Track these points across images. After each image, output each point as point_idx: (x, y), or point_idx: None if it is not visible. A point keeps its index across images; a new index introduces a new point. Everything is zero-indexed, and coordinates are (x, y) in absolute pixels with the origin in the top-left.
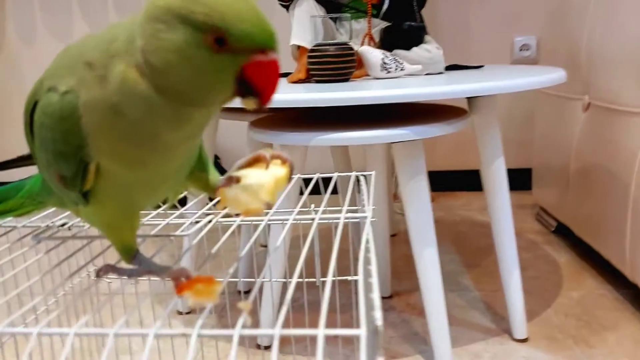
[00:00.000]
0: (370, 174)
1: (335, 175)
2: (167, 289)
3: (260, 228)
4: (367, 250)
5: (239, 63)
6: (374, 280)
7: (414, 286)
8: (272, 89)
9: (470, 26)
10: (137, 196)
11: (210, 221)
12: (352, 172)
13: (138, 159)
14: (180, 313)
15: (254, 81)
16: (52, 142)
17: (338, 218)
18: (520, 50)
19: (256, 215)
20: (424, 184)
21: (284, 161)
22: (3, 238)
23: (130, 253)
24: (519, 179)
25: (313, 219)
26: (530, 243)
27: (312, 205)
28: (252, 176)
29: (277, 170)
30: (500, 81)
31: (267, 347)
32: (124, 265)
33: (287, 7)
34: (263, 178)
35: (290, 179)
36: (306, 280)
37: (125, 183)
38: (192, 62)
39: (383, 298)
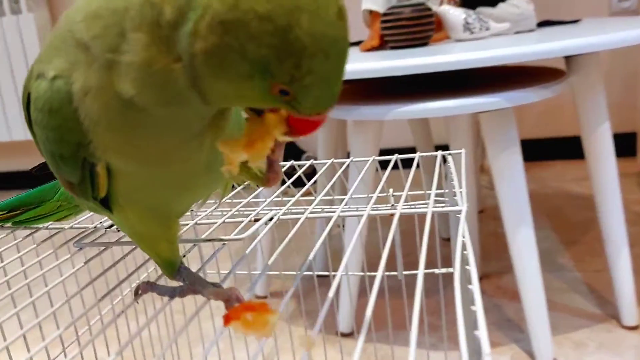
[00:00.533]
0: (460, 153)
1: (417, 156)
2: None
3: (333, 220)
4: (463, 247)
5: (290, 112)
6: (475, 289)
7: (504, 267)
8: (306, 134)
9: None
10: (165, 198)
11: (271, 219)
12: (433, 143)
13: (156, 154)
14: (257, 297)
15: (294, 127)
16: (47, 143)
17: (423, 208)
18: (619, 1)
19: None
20: (516, 156)
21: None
22: (48, 242)
23: (172, 267)
24: (622, 145)
25: (393, 208)
26: (636, 216)
27: (391, 191)
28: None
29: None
30: (603, 35)
31: (345, 335)
32: (166, 281)
33: None
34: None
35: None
36: (387, 274)
37: (145, 184)
38: (246, 92)
39: None
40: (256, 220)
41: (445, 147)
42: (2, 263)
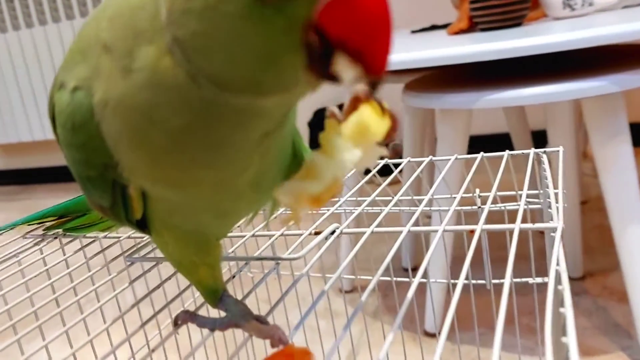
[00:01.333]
0: (557, 151)
1: (505, 154)
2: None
3: (415, 216)
4: (557, 277)
5: (303, 13)
6: (567, 301)
7: (611, 264)
8: (377, 44)
9: None
10: (204, 222)
11: (333, 232)
12: (529, 129)
13: (187, 177)
14: (341, 291)
15: (341, 37)
16: (73, 163)
17: (510, 225)
18: None
19: (327, 200)
20: (625, 146)
21: (365, 100)
22: (100, 257)
23: (214, 295)
24: None
25: (480, 210)
26: None
27: (477, 191)
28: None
29: (356, 116)
30: None
31: (428, 334)
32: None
33: None
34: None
35: (385, 113)
36: (473, 282)
37: (181, 208)
38: (228, 23)
39: (573, 279)
40: (316, 234)
41: (543, 133)
42: (51, 280)
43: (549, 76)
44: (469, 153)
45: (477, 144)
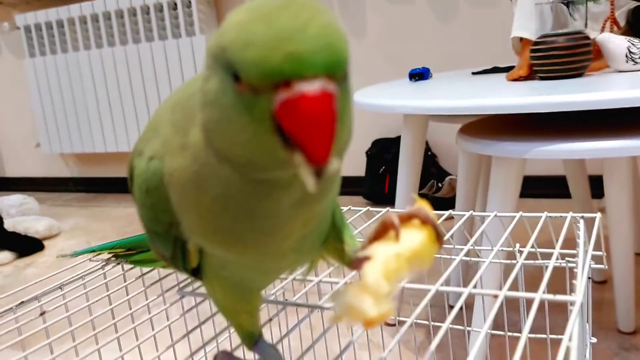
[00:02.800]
0: (595, 217)
1: (543, 215)
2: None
3: (452, 267)
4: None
5: (266, 106)
6: None
7: None
8: (314, 139)
9: None
10: (249, 277)
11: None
12: (586, 173)
13: (233, 240)
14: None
15: (291, 130)
16: (145, 219)
17: (532, 294)
18: None
19: (380, 323)
20: None
21: (424, 222)
22: (157, 285)
23: (250, 338)
24: None
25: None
26: None
27: (517, 245)
28: (377, 255)
29: (413, 238)
30: None
31: None
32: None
33: None
34: (389, 258)
35: (439, 240)
36: (509, 334)
37: (231, 264)
38: (224, 111)
39: (624, 334)
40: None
41: (601, 179)
42: (111, 305)
43: (606, 129)
44: (525, 195)
45: (533, 185)
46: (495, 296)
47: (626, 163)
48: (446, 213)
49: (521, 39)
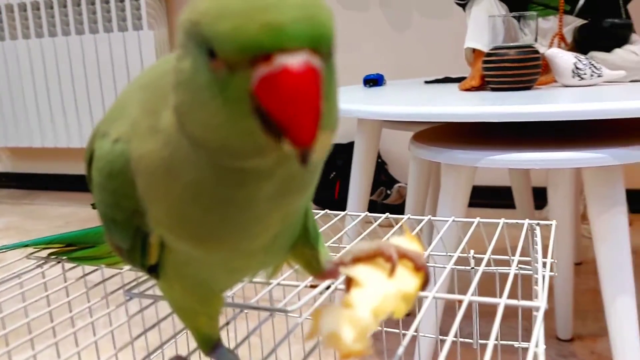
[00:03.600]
0: (551, 224)
1: (501, 222)
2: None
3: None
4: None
5: (243, 85)
6: None
7: (601, 329)
8: (299, 118)
9: None
10: (214, 276)
11: (328, 287)
12: (530, 184)
13: (205, 233)
14: None
15: (270, 112)
16: (103, 205)
17: (496, 299)
18: None
19: (357, 357)
20: (621, 217)
21: (417, 267)
22: (100, 287)
23: (208, 343)
24: None
25: (473, 270)
26: None
27: (472, 252)
28: (367, 283)
29: (405, 282)
30: None
31: None
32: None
33: (463, 6)
34: (380, 294)
35: (423, 288)
36: (461, 340)
37: (197, 261)
38: (198, 91)
39: (562, 341)
40: (312, 287)
41: (544, 190)
42: (50, 307)
43: (553, 141)
44: (471, 204)
45: (480, 195)
46: (460, 302)
47: (570, 175)
48: (405, 217)
49: (474, 50)
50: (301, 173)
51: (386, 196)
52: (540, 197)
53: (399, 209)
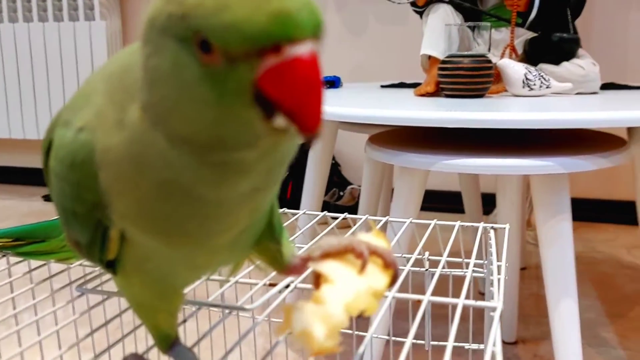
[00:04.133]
0: (504, 228)
1: (457, 224)
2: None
3: None
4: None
5: (245, 76)
6: None
7: (544, 333)
8: (308, 106)
9: (629, 39)
10: (176, 272)
11: (287, 286)
12: (479, 190)
13: (174, 228)
14: None
15: (280, 99)
16: (62, 196)
17: (455, 299)
18: None
19: (326, 354)
20: (566, 224)
21: (386, 264)
22: (47, 283)
23: (166, 341)
24: None
25: (428, 273)
26: None
27: (427, 254)
28: (338, 280)
29: (375, 279)
30: None
31: None
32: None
33: (420, 14)
34: (350, 291)
35: (391, 286)
36: (413, 341)
37: (159, 256)
38: (186, 87)
39: (506, 344)
40: (271, 285)
41: (492, 196)
42: None
43: (502, 148)
44: (421, 208)
45: (431, 199)
46: (419, 302)
47: (518, 181)
48: (363, 218)
49: (430, 57)
50: (276, 167)
51: (339, 197)
52: (488, 203)
53: (351, 210)
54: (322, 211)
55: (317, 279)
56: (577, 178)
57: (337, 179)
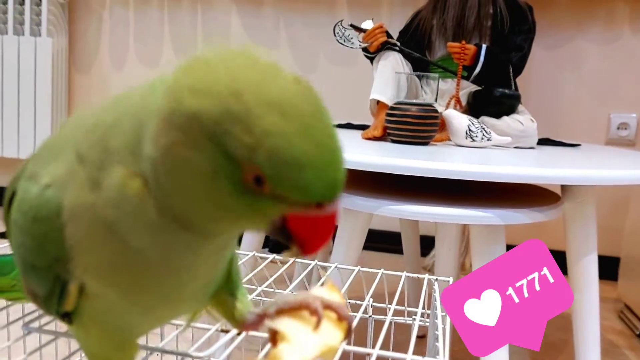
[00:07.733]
0: (448, 281)
1: (403, 275)
2: None
3: None
4: None
5: (281, 211)
6: None
7: None
8: (319, 245)
9: (564, 98)
10: (134, 324)
11: (239, 332)
12: (418, 232)
13: (136, 286)
14: None
15: (299, 235)
16: (22, 248)
17: (402, 355)
18: (618, 129)
19: None
20: None
21: (340, 318)
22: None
23: None
24: (604, 267)
25: (370, 318)
26: (610, 345)
27: (371, 301)
28: (294, 338)
29: (330, 335)
30: (602, 170)
31: None
32: None
33: (371, 60)
34: (307, 349)
35: (346, 339)
36: None
37: (119, 308)
38: (219, 197)
39: None
40: (223, 331)
41: (430, 239)
42: None
43: (444, 196)
44: (363, 247)
45: (371, 238)
46: (368, 355)
47: (457, 228)
48: (312, 263)
49: (378, 102)
50: (234, 239)
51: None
52: (426, 245)
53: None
54: (264, 246)
55: (274, 336)
56: (512, 226)
57: None
